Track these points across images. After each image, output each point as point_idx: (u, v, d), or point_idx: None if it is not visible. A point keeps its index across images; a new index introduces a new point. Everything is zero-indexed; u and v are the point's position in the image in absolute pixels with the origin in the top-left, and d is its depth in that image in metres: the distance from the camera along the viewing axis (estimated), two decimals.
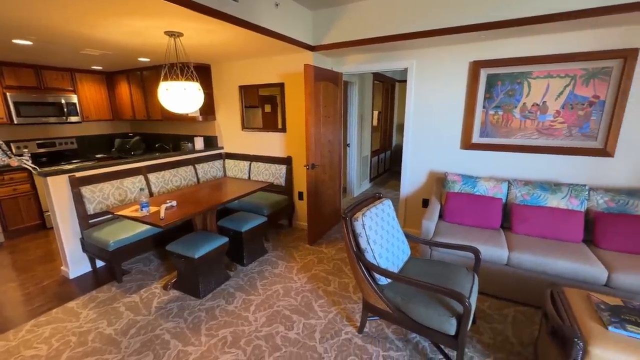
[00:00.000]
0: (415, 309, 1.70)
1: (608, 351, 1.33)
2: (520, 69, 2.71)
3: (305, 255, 3.15)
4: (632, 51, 2.32)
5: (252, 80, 3.81)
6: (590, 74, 2.49)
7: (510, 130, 2.85)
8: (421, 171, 3.35)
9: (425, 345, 1.93)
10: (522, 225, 2.52)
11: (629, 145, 2.45)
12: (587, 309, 1.57)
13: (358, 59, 3.44)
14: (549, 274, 2.15)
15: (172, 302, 2.40)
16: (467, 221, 2.71)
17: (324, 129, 3.35)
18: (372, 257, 1.83)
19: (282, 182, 3.74)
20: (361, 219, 1.84)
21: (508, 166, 2.90)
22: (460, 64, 2.95)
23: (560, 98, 2.62)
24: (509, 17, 2.28)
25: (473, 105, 2.94)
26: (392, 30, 2.73)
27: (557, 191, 2.51)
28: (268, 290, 2.55)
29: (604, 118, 2.50)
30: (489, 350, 1.89)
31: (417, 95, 3.22)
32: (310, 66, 2.92)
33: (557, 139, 2.69)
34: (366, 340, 1.98)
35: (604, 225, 2.29)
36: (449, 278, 1.87)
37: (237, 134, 4.14)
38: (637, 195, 2.31)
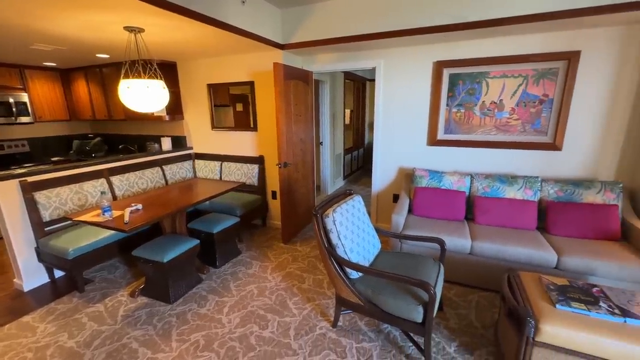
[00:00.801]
0: (385, 300, 1.77)
1: (556, 327, 1.46)
2: (479, 69, 2.87)
3: (279, 254, 3.15)
4: (575, 53, 2.53)
5: (221, 79, 3.73)
6: (540, 74, 2.70)
7: (471, 127, 3.02)
8: (391, 168, 3.45)
9: (396, 335, 2.01)
10: (484, 216, 2.68)
11: (575, 140, 2.69)
12: (539, 290, 1.71)
13: (328, 58, 3.48)
14: (508, 260, 2.32)
15: (140, 309, 2.30)
16: (434, 214, 2.84)
17: (296, 128, 3.35)
18: (343, 252, 1.88)
19: (255, 181, 3.70)
20: (332, 215, 1.88)
21: (470, 161, 3.07)
22: (425, 63, 3.07)
23: (515, 96, 2.81)
24: (469, 19, 2.41)
25: (437, 104, 3.08)
26: (359, 30, 2.79)
27: (513, 183, 2.70)
28: (242, 291, 2.52)
29: (553, 115, 2.72)
30: (455, 334, 2.00)
31: (385, 94, 3.31)
32: (279, 64, 2.91)
33: (512, 135, 2.88)
34: (340, 334, 2.03)
35: (554, 213, 2.49)
36: (417, 269, 1.95)
37: (206, 133, 4.03)
38: (582, 185, 2.53)
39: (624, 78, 2.46)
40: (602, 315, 1.48)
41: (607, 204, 2.41)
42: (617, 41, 2.42)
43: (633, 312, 1.48)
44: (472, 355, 1.84)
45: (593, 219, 2.36)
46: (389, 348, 1.90)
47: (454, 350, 1.87)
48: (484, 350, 1.87)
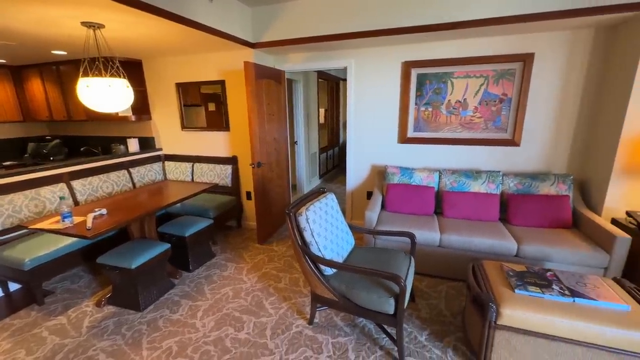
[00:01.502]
0: (358, 294, 1.81)
1: (515, 310, 1.57)
2: (445, 70, 3.00)
3: (255, 255, 3.12)
4: (529, 55, 2.72)
5: (190, 78, 3.62)
6: (499, 75, 2.87)
7: (439, 124, 3.15)
8: (364, 166, 3.53)
9: (371, 328, 2.07)
10: (452, 210, 2.81)
11: (531, 136, 2.88)
12: (500, 277, 1.82)
13: (299, 57, 3.49)
14: (473, 251, 2.45)
15: (107, 319, 2.20)
16: (406, 209, 2.93)
17: (269, 127, 3.33)
18: (317, 250, 1.90)
19: (229, 182, 3.63)
20: (305, 214, 1.89)
21: (439, 157, 3.20)
22: (394, 64, 3.16)
23: (477, 96, 2.97)
24: (432, 22, 2.51)
25: (407, 103, 3.18)
26: (329, 30, 2.83)
27: (478, 178, 2.85)
28: (217, 294, 2.47)
29: (511, 113, 2.90)
30: (426, 323, 2.09)
31: (356, 93, 3.37)
32: (250, 63, 2.88)
33: (476, 132, 3.05)
34: (316, 331, 2.05)
35: (514, 205, 2.67)
36: (389, 262, 2.01)
37: (176, 134, 3.90)
38: (538, 178, 2.73)
39: (572, 78, 2.68)
40: (554, 297, 1.61)
41: (560, 194, 2.61)
42: (566, 44, 2.63)
43: (580, 292, 1.62)
44: (442, 342, 1.93)
45: (548, 209, 2.55)
46: (363, 341, 1.95)
47: (425, 339, 1.96)
48: (453, 337, 1.97)
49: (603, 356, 1.47)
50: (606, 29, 2.51)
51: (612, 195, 2.46)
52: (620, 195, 2.44)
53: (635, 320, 1.46)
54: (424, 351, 1.86)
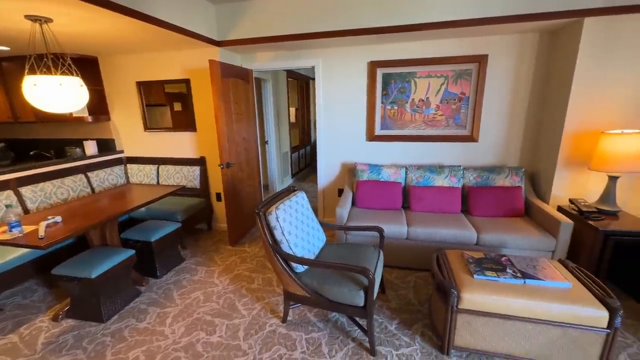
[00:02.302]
0: (330, 289, 1.85)
1: (474, 294, 1.69)
2: (408, 70, 3.13)
3: (227, 257, 3.06)
4: (484, 57, 2.91)
5: (152, 76, 3.47)
6: (457, 75, 3.04)
7: (404, 122, 3.28)
8: (334, 164, 3.58)
9: (343, 321, 2.12)
10: (418, 204, 2.94)
11: (487, 132, 3.09)
12: (461, 264, 1.95)
13: (267, 56, 3.46)
14: (438, 241, 2.58)
15: (65, 334, 2.06)
16: (376, 205, 3.03)
17: (238, 127, 3.28)
18: (288, 248, 1.91)
19: (197, 184, 3.53)
20: (275, 213, 1.90)
21: (405, 154, 3.33)
22: (360, 63, 3.24)
23: (439, 94, 3.12)
24: (395, 23, 2.61)
25: (373, 101, 3.28)
26: (296, 30, 2.84)
27: (441, 172, 3.01)
28: (187, 299, 2.40)
29: (469, 111, 3.09)
30: (396, 313, 2.18)
31: (325, 93, 3.42)
32: (215, 62, 2.82)
33: (439, 129, 3.21)
34: (290, 328, 2.06)
35: (473, 197, 2.85)
36: (358, 257, 2.07)
37: (139, 135, 3.72)
38: (494, 171, 2.93)
39: (521, 79, 2.90)
40: (508, 280, 1.75)
41: (513, 186, 2.83)
42: (515, 47, 2.84)
43: (530, 274, 1.77)
44: (410, 330, 2.02)
45: (503, 200, 2.75)
46: (336, 334, 1.99)
47: (395, 328, 2.04)
48: (420, 324, 2.07)
49: (550, 330, 1.62)
50: (548, 34, 2.75)
51: (558, 185, 2.71)
52: (564, 185, 2.69)
53: (575, 296, 1.62)
54: (394, 339, 1.94)
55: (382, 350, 1.86)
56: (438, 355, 1.81)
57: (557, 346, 1.64)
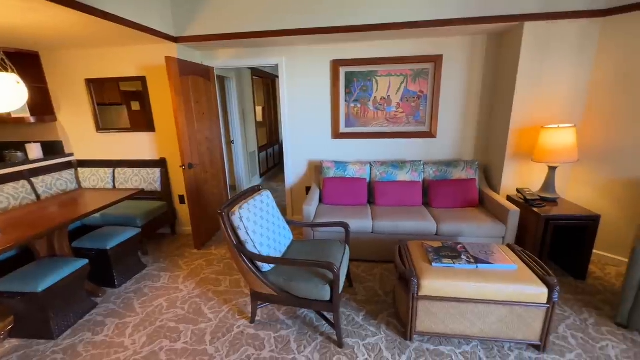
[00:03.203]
0: (296, 286, 1.86)
1: (432, 281, 1.79)
2: (369, 68, 3.22)
3: (192, 261, 2.96)
4: (439, 57, 3.07)
5: (103, 73, 3.25)
6: (416, 74, 3.18)
7: (367, 120, 3.37)
8: (301, 162, 3.59)
9: (312, 317, 2.14)
10: (382, 198, 3.04)
11: (445, 128, 3.27)
12: (421, 253, 2.05)
13: (229, 53, 3.38)
14: (401, 234, 2.69)
15: (8, 355, 1.88)
16: (342, 201, 3.08)
17: (200, 126, 3.17)
18: (253, 247, 1.90)
19: (158, 187, 3.37)
20: (238, 213, 1.87)
21: (369, 150, 3.43)
22: (324, 62, 3.27)
23: (399, 93, 3.25)
24: (356, 23, 2.68)
25: (337, 99, 3.33)
26: (258, 27, 2.81)
27: (403, 167, 3.14)
28: (148, 307, 2.30)
29: (428, 108, 3.25)
30: (362, 305, 2.25)
31: (289, 91, 3.41)
32: (173, 59, 2.70)
33: (400, 126, 3.34)
34: (258, 328, 2.05)
35: (433, 190, 3.00)
36: (324, 252, 2.11)
37: (91, 136, 3.47)
38: (451, 165, 3.10)
39: (473, 78, 3.10)
40: (462, 265, 1.87)
41: (469, 178, 3.02)
42: (466, 48, 3.03)
43: (482, 259, 1.91)
44: (376, 320, 2.09)
45: (460, 192, 2.93)
46: (305, 330, 2.02)
47: (362, 319, 2.10)
48: (386, 313, 2.15)
49: (499, 309, 1.76)
50: (495, 37, 2.96)
51: (507, 176, 2.93)
52: (512, 176, 2.93)
53: (519, 276, 1.78)
54: (361, 330, 2.00)
55: (350, 342, 1.91)
56: (402, 341, 1.90)
57: (505, 323, 1.78)
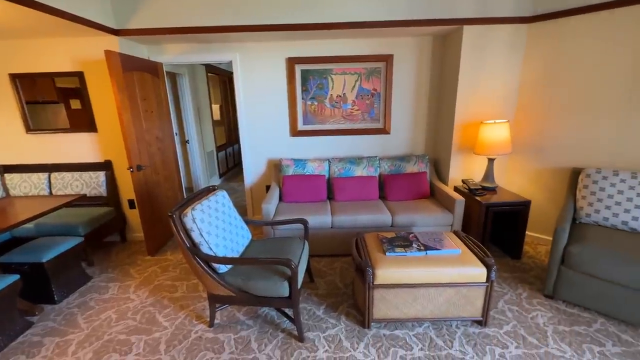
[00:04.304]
0: (255, 285, 1.85)
1: (386, 269, 1.88)
2: (324, 67, 3.27)
3: (145, 268, 2.80)
4: (390, 56, 3.21)
5: (32, 67, 2.92)
6: (369, 72, 3.29)
7: (325, 117, 3.42)
8: (260, 160, 3.55)
9: (273, 315, 2.14)
10: (341, 194, 3.12)
11: (398, 125, 3.43)
12: (376, 244, 2.14)
13: (179, 48, 3.22)
14: (359, 227, 2.78)
15: None
16: (302, 198, 3.11)
17: (148, 125, 2.99)
18: (208, 249, 1.84)
19: (103, 191, 3.11)
20: (191, 214, 1.81)
21: (327, 147, 3.49)
22: (279, 59, 3.26)
23: (354, 91, 3.34)
24: (309, 21, 2.70)
25: (294, 97, 3.33)
26: (207, 22, 2.71)
27: (360, 163, 3.24)
28: (95, 321, 2.13)
29: (381, 106, 3.38)
30: (323, 299, 2.29)
31: (245, 88, 3.34)
32: (113, 53, 2.51)
33: (356, 123, 3.43)
34: (217, 331, 2.00)
35: (388, 183, 3.14)
36: (283, 250, 2.11)
37: (19, 138, 3.10)
38: (404, 160, 3.27)
39: (422, 77, 3.29)
40: (413, 253, 1.99)
41: (420, 172, 3.20)
42: (414, 49, 3.20)
43: (430, 246, 2.05)
44: (337, 312, 2.15)
45: (412, 185, 3.10)
46: (266, 329, 2.01)
47: (322, 312, 2.15)
48: (345, 305, 2.22)
49: (447, 290, 1.91)
50: (440, 38, 3.16)
51: (453, 168, 3.16)
52: (458, 168, 3.16)
53: (463, 260, 1.94)
54: (321, 323, 2.05)
55: (310, 335, 1.94)
56: (360, 330, 1.98)
57: (452, 303, 1.93)
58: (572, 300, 2.11)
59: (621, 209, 2.19)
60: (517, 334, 1.91)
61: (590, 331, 1.90)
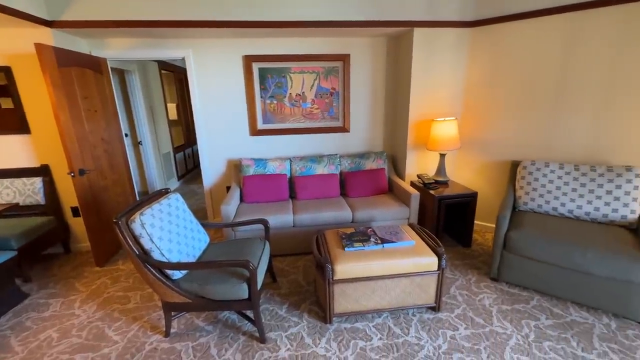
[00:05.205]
0: (212, 289, 1.79)
1: (344, 264, 1.92)
2: (282, 65, 3.25)
3: (93, 280, 2.59)
4: (347, 56, 3.27)
5: None
6: (327, 71, 3.33)
7: (284, 116, 3.40)
8: (219, 161, 3.44)
9: (234, 318, 2.09)
10: (303, 192, 3.13)
11: (357, 123, 3.51)
12: (336, 241, 2.18)
13: (125, 43, 3.01)
14: (321, 224, 2.82)
15: None
16: (264, 198, 3.07)
17: (92, 126, 2.77)
18: (160, 255, 1.75)
19: (40, 199, 2.82)
20: (139, 219, 1.71)
21: (288, 146, 3.48)
22: (235, 57, 3.18)
23: (313, 89, 3.36)
24: (264, 18, 2.66)
25: (253, 96, 3.27)
26: (154, 15, 2.56)
27: (321, 161, 3.27)
28: (32, 342, 1.93)
29: (340, 104, 3.44)
30: (286, 298, 2.29)
31: (200, 86, 3.22)
32: (46, 47, 2.29)
33: (316, 122, 3.46)
34: (174, 341, 1.91)
35: (349, 180, 3.21)
36: (242, 251, 2.07)
37: None
38: (364, 157, 3.36)
39: (377, 77, 3.40)
40: (370, 247, 2.05)
41: (379, 168, 3.32)
42: (370, 49, 3.30)
43: (387, 239, 2.13)
44: (299, 310, 2.16)
45: (372, 181, 3.20)
46: (226, 333, 1.96)
47: (285, 311, 2.14)
48: (308, 302, 2.24)
49: (402, 280, 2.00)
50: (393, 39, 3.29)
51: (409, 164, 3.31)
52: (413, 164, 3.32)
53: (416, 250, 2.04)
54: (284, 322, 2.04)
55: (272, 336, 1.93)
56: (322, 325, 2.00)
57: (408, 292, 2.03)
58: (514, 281, 2.32)
59: (552, 197, 2.44)
60: (467, 316, 2.05)
61: (528, 308, 2.11)
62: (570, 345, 1.79)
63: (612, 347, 1.76)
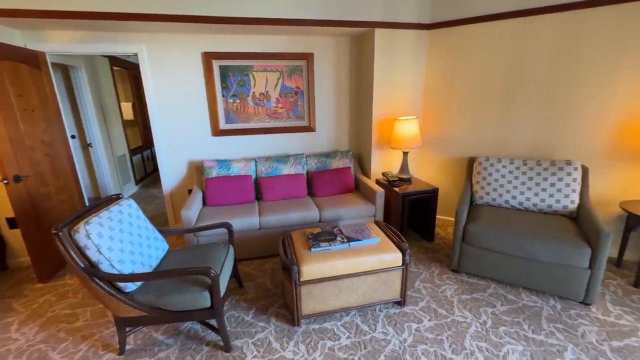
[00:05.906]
0: (170, 300, 1.68)
1: (311, 265, 1.90)
2: (245, 63, 3.15)
3: (34, 299, 2.33)
4: (310, 55, 3.25)
5: None
6: (291, 70, 3.29)
7: (248, 116, 3.31)
8: (179, 163, 3.26)
9: (197, 328, 1.99)
10: (269, 193, 3.06)
11: (322, 122, 3.51)
12: (302, 241, 2.15)
13: (67, 35, 2.74)
14: (288, 225, 2.77)
15: None
16: (228, 201, 2.96)
17: (29, 128, 2.49)
18: (110, 267, 1.61)
19: None
20: (83, 229, 1.56)
21: (252, 146, 3.39)
22: (194, 54, 3.03)
23: (277, 88, 3.30)
24: (223, 14, 2.56)
25: (214, 95, 3.14)
26: (104, 6, 2.35)
27: (287, 161, 3.22)
28: None
29: (305, 103, 3.42)
30: (252, 303, 2.22)
31: (156, 84, 3.02)
32: None
33: (281, 121, 3.41)
34: (129, 358, 1.77)
35: (316, 180, 3.20)
36: (204, 257, 1.97)
37: None
38: (330, 156, 3.36)
39: (342, 76, 3.42)
40: (337, 246, 2.05)
41: (345, 167, 3.34)
42: (333, 48, 3.31)
43: (353, 237, 2.14)
44: (266, 314, 2.10)
45: (338, 180, 3.21)
46: (188, 345, 1.86)
47: (252, 317, 2.08)
48: (276, 306, 2.19)
49: (368, 278, 2.02)
50: (356, 39, 3.33)
51: (375, 162, 3.37)
52: (378, 162, 3.38)
53: (381, 247, 2.07)
54: (250, 328, 1.98)
55: (238, 343, 1.86)
56: (290, 328, 1.97)
57: (374, 289, 2.06)
58: (472, 271, 2.45)
59: (504, 190, 2.61)
60: (430, 308, 2.13)
61: (485, 296, 2.23)
62: (522, 329, 1.92)
63: (558, 327, 1.92)
